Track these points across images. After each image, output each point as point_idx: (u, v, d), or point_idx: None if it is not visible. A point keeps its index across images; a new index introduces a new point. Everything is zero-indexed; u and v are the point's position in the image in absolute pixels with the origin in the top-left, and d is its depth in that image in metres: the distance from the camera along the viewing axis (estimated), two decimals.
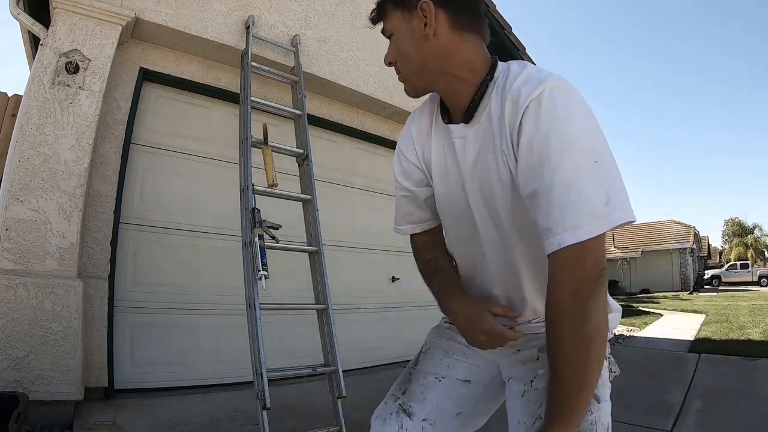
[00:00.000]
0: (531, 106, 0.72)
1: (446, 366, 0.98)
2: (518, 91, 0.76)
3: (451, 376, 0.97)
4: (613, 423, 0.85)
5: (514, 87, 0.77)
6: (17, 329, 2.25)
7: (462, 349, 0.98)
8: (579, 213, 0.66)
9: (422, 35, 0.84)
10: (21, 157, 2.41)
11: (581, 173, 0.68)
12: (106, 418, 2.43)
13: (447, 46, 0.84)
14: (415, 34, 0.85)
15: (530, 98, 0.72)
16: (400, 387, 0.99)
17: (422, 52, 0.86)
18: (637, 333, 6.77)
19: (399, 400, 0.96)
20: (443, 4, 0.84)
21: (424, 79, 0.88)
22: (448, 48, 0.85)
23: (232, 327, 3.28)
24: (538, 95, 0.72)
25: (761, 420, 2.71)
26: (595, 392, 0.76)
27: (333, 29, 3.96)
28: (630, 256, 22.89)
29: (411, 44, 0.86)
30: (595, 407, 0.78)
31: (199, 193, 3.38)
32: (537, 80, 0.74)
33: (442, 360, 0.99)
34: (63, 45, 2.58)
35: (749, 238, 30.52)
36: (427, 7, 0.83)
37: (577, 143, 0.70)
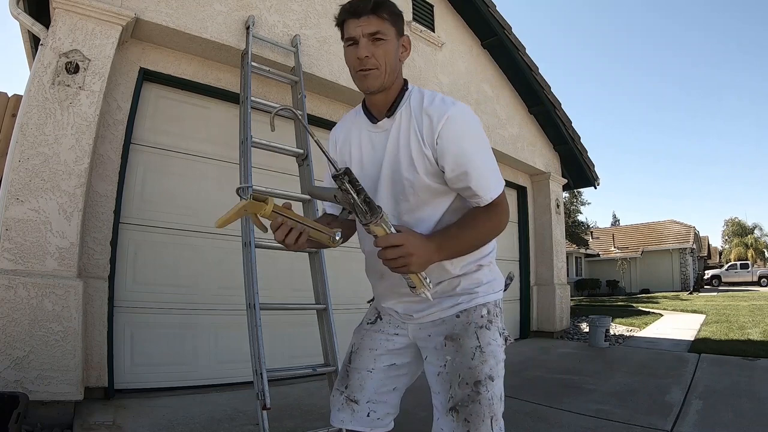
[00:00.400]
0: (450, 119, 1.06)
1: (373, 359, 1.23)
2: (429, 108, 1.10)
3: (379, 366, 1.23)
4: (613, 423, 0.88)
5: (436, 102, 1.10)
6: (17, 329, 2.25)
7: (383, 342, 1.25)
8: (492, 180, 1.09)
9: (399, 54, 1.14)
10: (21, 157, 2.41)
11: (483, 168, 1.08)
12: (106, 418, 2.43)
13: (400, 65, 1.16)
14: (397, 50, 1.13)
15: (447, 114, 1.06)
16: (342, 383, 1.26)
17: (396, 63, 1.13)
18: (637, 333, 6.77)
19: (344, 393, 1.24)
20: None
21: (388, 79, 1.11)
22: (399, 66, 1.16)
23: (232, 327, 3.28)
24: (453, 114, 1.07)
25: (761, 420, 2.71)
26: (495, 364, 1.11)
27: (333, 29, 3.93)
28: (630, 256, 22.87)
29: (394, 54, 1.12)
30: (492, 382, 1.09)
31: (199, 193, 3.38)
32: (449, 101, 1.09)
33: (369, 355, 1.24)
34: (63, 45, 2.59)
35: (749, 238, 30.49)
36: (408, 41, 1.18)
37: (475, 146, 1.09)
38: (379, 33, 1.08)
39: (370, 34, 1.07)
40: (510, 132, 6.00)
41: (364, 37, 1.07)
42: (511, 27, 5.56)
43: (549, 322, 6.36)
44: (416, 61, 4.75)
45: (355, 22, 1.08)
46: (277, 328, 3.43)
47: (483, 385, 1.06)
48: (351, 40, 1.09)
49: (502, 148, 5.73)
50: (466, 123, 1.08)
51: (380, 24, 1.08)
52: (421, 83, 4.71)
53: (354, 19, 1.08)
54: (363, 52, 1.07)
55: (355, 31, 1.08)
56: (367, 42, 1.07)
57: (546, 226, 6.67)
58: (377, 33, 1.07)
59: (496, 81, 5.97)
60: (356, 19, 1.08)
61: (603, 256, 23.97)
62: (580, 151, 6.93)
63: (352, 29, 1.08)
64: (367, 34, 1.07)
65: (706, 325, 7.42)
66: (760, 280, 22.94)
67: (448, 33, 5.28)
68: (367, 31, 1.07)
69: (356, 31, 1.07)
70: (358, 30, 1.07)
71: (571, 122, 6.58)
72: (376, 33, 1.07)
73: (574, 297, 16.44)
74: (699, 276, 22.72)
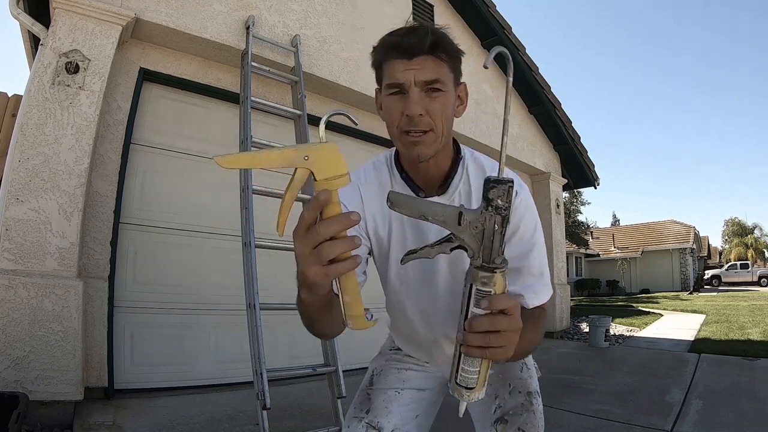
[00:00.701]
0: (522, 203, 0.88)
1: (402, 380, 1.07)
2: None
3: (408, 387, 1.06)
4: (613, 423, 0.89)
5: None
6: (17, 329, 2.25)
7: (412, 365, 1.10)
8: (544, 286, 0.91)
9: (454, 107, 0.87)
10: (21, 157, 2.41)
11: (543, 260, 0.91)
12: (106, 418, 2.43)
13: (453, 123, 0.88)
14: (454, 103, 0.87)
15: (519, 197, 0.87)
16: (361, 408, 1.03)
17: (452, 122, 0.87)
18: (637, 333, 6.77)
19: (365, 419, 1.00)
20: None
21: (442, 143, 0.85)
22: (452, 124, 0.88)
23: (232, 327, 3.28)
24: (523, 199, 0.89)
25: (761, 420, 2.71)
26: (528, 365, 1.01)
27: (333, 29, 3.96)
28: (630, 256, 22.87)
29: (451, 110, 0.86)
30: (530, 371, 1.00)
31: (199, 193, 3.38)
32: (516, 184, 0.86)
33: (398, 375, 1.08)
34: (63, 45, 2.59)
35: (749, 238, 30.49)
36: (465, 91, 0.90)
37: (540, 234, 0.92)
38: (438, 82, 0.81)
39: (425, 83, 0.80)
40: (510, 132, 5.96)
41: (417, 86, 0.80)
42: (511, 27, 5.57)
43: (549, 322, 6.35)
44: None
45: (404, 64, 0.80)
46: (277, 328, 3.42)
47: (535, 397, 0.95)
48: (396, 87, 0.82)
49: None
50: (533, 210, 0.91)
51: (439, 69, 0.81)
52: None
53: (403, 59, 0.81)
54: (416, 108, 0.79)
55: (404, 75, 0.80)
56: (420, 93, 0.80)
57: (546, 226, 6.66)
58: (435, 82, 0.81)
59: (496, 81, 5.96)
60: (406, 60, 0.80)
61: (603, 256, 23.97)
62: (580, 151, 6.93)
63: (399, 73, 0.81)
64: (421, 82, 0.80)
65: (706, 325, 7.42)
66: (760, 280, 22.93)
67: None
68: (421, 78, 0.80)
69: (406, 76, 0.80)
70: (409, 75, 0.80)
71: (571, 122, 6.58)
72: (434, 82, 0.81)
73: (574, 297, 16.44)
74: (699, 276, 22.73)
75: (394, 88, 0.82)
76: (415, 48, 0.80)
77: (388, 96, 0.84)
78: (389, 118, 0.86)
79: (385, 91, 0.85)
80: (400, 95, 0.82)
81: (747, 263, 25.12)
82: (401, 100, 0.82)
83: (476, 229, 0.61)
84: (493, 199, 0.60)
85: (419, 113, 0.80)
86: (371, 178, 0.95)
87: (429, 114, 0.81)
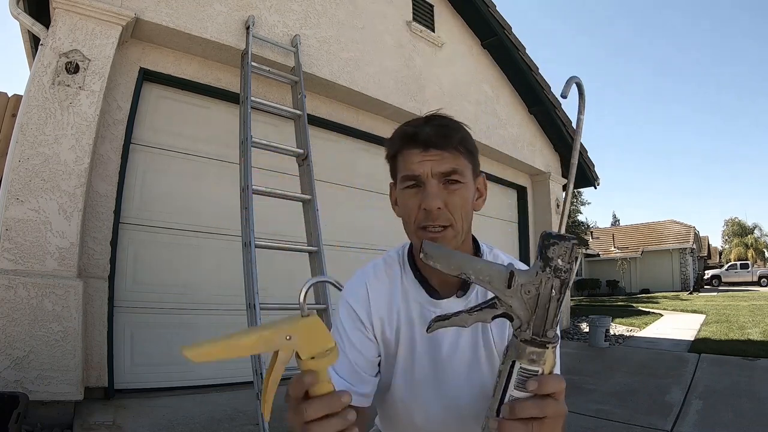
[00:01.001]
0: None
1: None
2: None
3: None
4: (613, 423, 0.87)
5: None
6: (17, 329, 2.25)
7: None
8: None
9: (473, 200, 0.83)
10: (21, 157, 2.41)
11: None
12: (106, 418, 2.43)
13: (472, 217, 0.84)
14: (473, 196, 0.83)
15: None
16: None
17: (470, 214, 0.82)
18: (637, 333, 6.76)
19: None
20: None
21: (461, 239, 0.80)
22: (472, 219, 0.83)
23: (232, 327, 3.25)
24: None
25: (761, 420, 2.71)
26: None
27: (333, 29, 3.96)
28: (630, 256, 22.86)
29: (470, 202, 0.81)
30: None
31: (199, 193, 3.38)
32: None
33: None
34: (63, 45, 2.59)
35: (749, 238, 30.48)
36: (484, 183, 0.86)
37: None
38: (456, 173, 0.77)
39: (442, 174, 0.76)
40: (510, 132, 6.01)
41: (434, 178, 0.76)
42: (511, 27, 5.57)
43: None
44: (416, 61, 4.75)
45: (421, 155, 0.76)
46: None
47: None
48: (412, 179, 0.77)
49: (502, 148, 5.73)
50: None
51: (456, 160, 0.77)
52: (421, 83, 4.71)
53: (419, 150, 0.77)
54: (434, 201, 0.74)
55: (421, 167, 0.76)
56: (438, 185, 0.76)
57: (546, 226, 6.66)
58: (453, 173, 0.76)
59: (496, 81, 5.97)
60: (422, 151, 0.76)
61: (603, 256, 23.97)
62: (580, 152, 6.93)
63: (415, 164, 0.77)
64: (438, 173, 0.76)
65: (706, 325, 7.42)
66: (760, 280, 22.93)
67: (448, 33, 5.28)
68: (438, 170, 0.76)
69: (422, 168, 0.76)
70: (426, 167, 0.76)
71: (571, 122, 6.58)
72: (452, 173, 0.76)
73: (574, 297, 16.45)
74: (699, 276, 22.72)
75: (410, 180, 0.78)
76: (432, 138, 0.76)
77: (403, 189, 0.79)
78: (405, 213, 0.80)
79: (400, 185, 0.80)
80: (417, 188, 0.77)
81: (747, 263, 25.11)
82: (418, 194, 0.77)
83: (529, 293, 0.51)
84: (552, 258, 0.50)
85: (438, 206, 0.75)
86: (381, 275, 0.88)
87: (448, 207, 0.76)
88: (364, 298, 0.86)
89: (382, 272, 0.89)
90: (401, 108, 4.41)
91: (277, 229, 3.32)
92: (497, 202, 6.28)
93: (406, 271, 0.87)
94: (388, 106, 4.35)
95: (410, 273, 0.86)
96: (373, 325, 0.85)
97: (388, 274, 0.88)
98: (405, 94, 4.49)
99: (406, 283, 0.86)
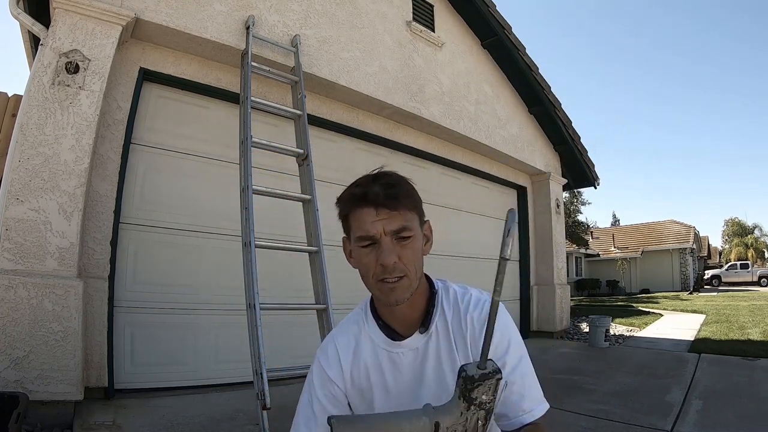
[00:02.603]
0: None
1: None
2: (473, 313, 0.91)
3: None
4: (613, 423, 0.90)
5: (471, 308, 0.92)
6: (17, 329, 2.25)
7: None
8: (539, 390, 0.91)
9: (421, 246, 0.89)
10: (21, 157, 2.41)
11: (529, 371, 0.90)
12: (106, 418, 2.43)
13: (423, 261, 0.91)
14: (421, 244, 0.89)
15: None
16: None
17: (421, 260, 0.89)
18: (637, 333, 6.76)
19: None
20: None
21: (416, 285, 0.87)
22: (422, 263, 0.90)
23: (232, 327, 3.28)
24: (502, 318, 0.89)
25: (761, 420, 2.71)
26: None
27: (333, 29, 3.96)
28: (630, 256, 22.85)
29: (419, 250, 0.88)
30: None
31: (199, 193, 3.38)
32: (488, 303, 0.90)
33: None
34: (63, 45, 2.58)
35: (749, 238, 30.47)
36: (430, 229, 0.94)
37: (521, 348, 0.91)
38: (406, 229, 0.84)
39: (394, 232, 0.83)
40: (510, 132, 6.00)
41: (387, 236, 0.83)
42: (511, 27, 5.57)
43: (549, 322, 6.36)
44: (416, 61, 4.75)
45: (372, 215, 0.83)
46: (277, 328, 3.42)
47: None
48: (367, 239, 0.84)
49: (502, 148, 5.73)
50: (511, 326, 0.91)
51: (405, 216, 0.84)
52: (421, 83, 4.71)
53: (369, 209, 0.83)
54: (390, 257, 0.82)
55: (374, 228, 0.83)
56: (391, 242, 0.83)
57: (546, 226, 6.67)
58: (403, 230, 0.83)
59: (496, 81, 5.97)
60: (373, 211, 0.83)
61: (603, 256, 23.97)
62: (580, 151, 6.93)
63: (368, 225, 0.83)
64: (390, 231, 0.83)
65: (706, 325, 7.42)
66: (760, 280, 22.92)
67: (448, 33, 5.28)
68: (390, 228, 0.83)
69: (375, 228, 0.83)
70: (378, 227, 0.82)
71: (571, 122, 6.58)
72: (402, 230, 0.83)
73: (574, 297, 16.44)
74: (699, 276, 22.71)
75: (366, 240, 0.84)
76: (380, 198, 0.82)
77: (359, 248, 0.86)
78: (363, 269, 0.87)
79: (355, 243, 0.87)
80: (371, 246, 0.84)
81: (747, 263, 25.11)
82: (373, 251, 0.84)
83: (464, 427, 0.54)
84: (476, 397, 0.53)
85: (393, 261, 0.82)
86: (348, 331, 0.97)
87: (402, 260, 0.83)
88: (335, 357, 0.94)
89: (347, 329, 0.97)
90: (401, 108, 4.41)
91: (277, 229, 3.32)
92: (497, 202, 6.28)
93: (368, 321, 0.95)
94: (388, 106, 4.35)
95: (372, 322, 0.94)
96: (344, 379, 0.93)
97: (353, 329, 0.97)
98: (405, 94, 4.49)
99: (370, 332, 0.94)
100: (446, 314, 0.92)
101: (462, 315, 0.91)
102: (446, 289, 0.96)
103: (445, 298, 0.94)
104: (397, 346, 0.91)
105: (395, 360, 0.91)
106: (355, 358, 0.93)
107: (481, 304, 0.92)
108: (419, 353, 0.90)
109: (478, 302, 0.92)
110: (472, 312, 0.90)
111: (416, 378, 0.90)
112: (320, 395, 0.93)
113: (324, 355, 0.95)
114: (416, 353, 0.91)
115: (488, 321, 0.63)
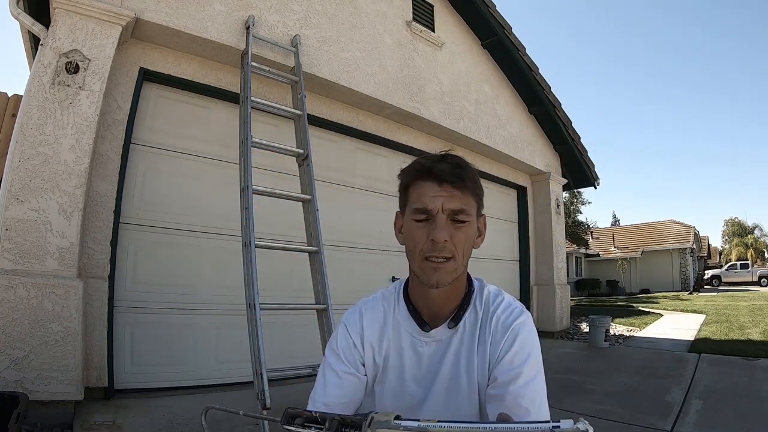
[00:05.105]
0: (516, 330, 0.87)
1: None
2: (500, 315, 0.90)
3: None
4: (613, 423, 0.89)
5: (499, 312, 0.90)
6: (17, 329, 2.25)
7: None
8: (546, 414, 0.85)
9: (474, 236, 0.88)
10: (21, 157, 2.41)
11: (541, 390, 0.85)
12: (106, 418, 2.43)
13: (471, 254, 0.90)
14: (475, 233, 0.88)
15: (516, 323, 0.87)
16: None
17: (470, 251, 0.87)
18: (637, 333, 6.76)
19: None
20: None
21: (459, 273, 0.86)
22: (470, 255, 0.89)
23: (232, 327, 3.28)
24: (522, 322, 0.88)
25: (761, 420, 2.71)
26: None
27: (333, 29, 3.96)
28: (630, 256, 22.85)
29: (472, 239, 0.87)
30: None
31: (199, 193, 3.38)
32: (518, 310, 0.90)
33: None
34: (63, 45, 2.58)
35: (749, 238, 30.44)
36: (485, 224, 0.93)
37: (539, 364, 0.87)
38: (463, 212, 0.83)
39: (452, 211, 0.82)
40: (510, 132, 6.01)
41: (444, 213, 0.81)
42: (511, 27, 5.56)
43: (549, 322, 6.36)
44: (416, 60, 4.75)
45: (435, 190, 0.82)
46: (277, 328, 3.42)
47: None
48: (423, 213, 0.82)
49: (502, 148, 5.73)
50: (531, 338, 0.88)
51: (466, 199, 0.83)
52: (421, 83, 4.71)
53: (433, 184, 0.82)
54: (442, 234, 0.80)
55: (434, 202, 0.81)
56: (446, 221, 0.82)
57: (546, 226, 6.67)
58: (461, 212, 0.82)
59: (496, 81, 5.97)
60: (436, 186, 0.82)
61: (603, 256, 23.96)
62: (581, 151, 6.93)
63: (428, 198, 0.82)
64: (448, 209, 0.82)
65: (706, 325, 7.42)
66: (760, 280, 22.91)
67: (448, 33, 5.28)
68: (449, 207, 0.82)
69: (434, 203, 0.81)
70: (437, 202, 0.81)
71: (571, 122, 6.58)
72: (460, 212, 0.82)
73: (574, 297, 16.44)
74: (699, 276, 22.71)
75: (421, 213, 0.83)
76: (446, 175, 0.82)
77: (412, 221, 0.84)
78: (411, 242, 0.85)
79: (409, 215, 0.85)
80: (426, 222, 0.83)
81: (747, 263, 25.10)
82: (426, 226, 0.83)
83: None
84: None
85: (445, 239, 0.81)
86: (377, 307, 0.97)
87: (453, 241, 0.82)
88: (359, 325, 0.94)
89: (378, 304, 0.97)
90: (401, 108, 4.41)
91: (277, 229, 3.32)
92: (497, 202, 6.28)
93: (399, 304, 0.94)
94: (388, 106, 4.35)
95: (403, 306, 0.93)
96: (364, 349, 0.93)
97: (384, 306, 0.96)
98: (405, 94, 4.49)
99: (399, 315, 0.93)
100: (478, 313, 0.91)
101: (489, 315, 0.90)
102: (482, 288, 0.95)
103: (479, 297, 0.93)
104: (424, 335, 0.90)
105: (417, 349, 0.90)
106: (380, 335, 0.93)
107: (510, 309, 0.90)
108: (442, 347, 0.90)
109: (508, 307, 0.91)
110: (500, 315, 0.89)
111: (432, 371, 0.89)
112: (342, 357, 0.92)
113: (350, 322, 0.95)
114: (439, 346, 0.90)
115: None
